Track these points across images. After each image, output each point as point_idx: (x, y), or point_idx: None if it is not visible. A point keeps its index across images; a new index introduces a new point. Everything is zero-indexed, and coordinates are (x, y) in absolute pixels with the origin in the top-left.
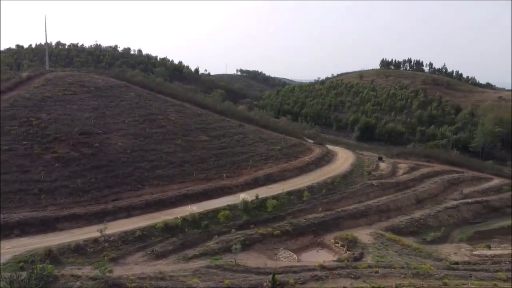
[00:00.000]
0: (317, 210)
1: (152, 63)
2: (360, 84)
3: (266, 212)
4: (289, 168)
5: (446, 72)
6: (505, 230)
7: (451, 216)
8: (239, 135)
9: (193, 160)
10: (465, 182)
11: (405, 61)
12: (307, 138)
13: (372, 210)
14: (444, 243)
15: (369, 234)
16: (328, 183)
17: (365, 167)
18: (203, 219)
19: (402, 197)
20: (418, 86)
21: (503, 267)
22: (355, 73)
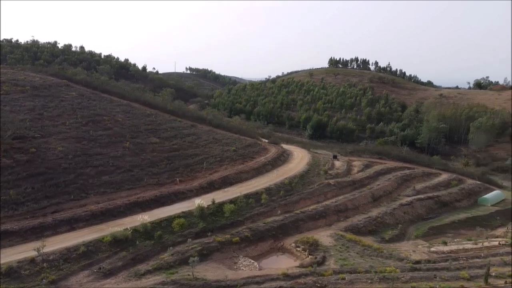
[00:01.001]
0: (276, 213)
1: (96, 61)
2: (310, 82)
3: (223, 217)
4: (245, 170)
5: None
6: (456, 225)
7: (406, 213)
8: (192, 136)
9: (143, 164)
10: (417, 178)
11: (352, 59)
12: (261, 137)
13: (330, 210)
14: (402, 240)
15: (330, 235)
16: (286, 184)
17: (321, 166)
18: (156, 229)
19: (359, 195)
20: (365, 84)
21: (463, 264)
22: (305, 72)
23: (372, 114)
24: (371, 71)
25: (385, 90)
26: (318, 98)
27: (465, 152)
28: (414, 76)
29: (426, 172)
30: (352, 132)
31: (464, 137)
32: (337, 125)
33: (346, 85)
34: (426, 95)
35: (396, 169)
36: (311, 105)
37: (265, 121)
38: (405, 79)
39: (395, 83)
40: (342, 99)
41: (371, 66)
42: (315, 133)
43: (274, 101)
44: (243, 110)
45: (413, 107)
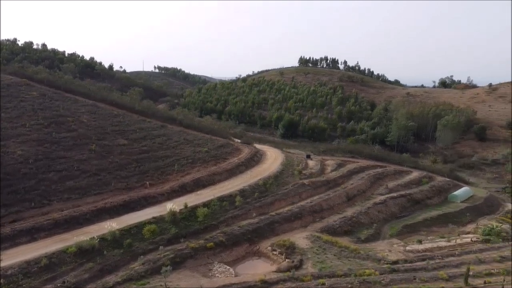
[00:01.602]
0: (251, 215)
1: (60, 59)
2: (281, 81)
3: (196, 222)
4: (218, 171)
5: (359, 70)
6: (429, 222)
7: (381, 212)
8: (162, 137)
9: (111, 167)
10: (389, 176)
11: (322, 59)
12: (234, 137)
13: (306, 211)
14: (377, 240)
15: (306, 237)
16: (260, 185)
17: (295, 166)
18: (125, 237)
19: (333, 195)
20: (335, 83)
21: (440, 263)
22: (276, 70)
23: (342, 112)
24: (341, 70)
25: (354, 89)
26: (289, 97)
27: (433, 149)
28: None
29: (398, 170)
30: (323, 131)
31: (431, 135)
32: (309, 124)
33: (317, 84)
34: (394, 94)
35: (368, 167)
36: (282, 104)
37: (236, 120)
38: (373, 78)
39: (364, 82)
40: (313, 98)
41: (340, 65)
42: (287, 132)
43: (245, 100)
44: (214, 109)
45: (382, 105)
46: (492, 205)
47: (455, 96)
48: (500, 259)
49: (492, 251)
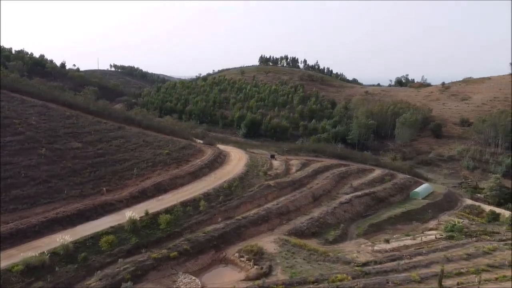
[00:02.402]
0: (216, 220)
1: (6, 56)
2: (242, 80)
3: (159, 230)
4: (180, 175)
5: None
6: (393, 220)
7: (347, 211)
8: (120, 139)
9: (63, 173)
10: (353, 175)
11: (282, 57)
12: (196, 138)
13: (272, 214)
14: (345, 240)
15: (274, 241)
16: (225, 188)
17: (260, 166)
18: (80, 250)
19: (299, 196)
20: (296, 82)
21: (409, 264)
22: (237, 69)
23: (304, 111)
24: (301, 69)
25: (315, 87)
26: (250, 96)
27: (392, 146)
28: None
29: (361, 169)
30: (286, 130)
31: (390, 132)
32: (271, 123)
33: (278, 83)
34: (353, 93)
35: (332, 166)
36: (244, 103)
37: (198, 120)
38: (332, 77)
39: (324, 80)
40: (275, 97)
41: (300, 64)
42: (250, 131)
43: (206, 99)
44: (174, 109)
45: (342, 104)
46: (451, 201)
47: (411, 94)
48: (466, 257)
49: (457, 248)
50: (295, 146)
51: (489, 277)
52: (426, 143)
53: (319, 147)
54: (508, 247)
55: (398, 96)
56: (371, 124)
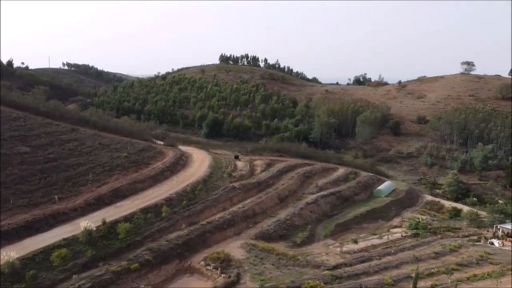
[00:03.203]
0: (179, 226)
1: None
2: (203, 79)
3: (117, 240)
4: (140, 179)
5: (279, 68)
6: (359, 219)
7: (313, 212)
8: (73, 142)
9: (9, 181)
10: (317, 174)
11: (242, 56)
12: (156, 139)
13: (238, 217)
14: (313, 242)
15: (241, 246)
16: (188, 192)
17: (224, 168)
18: (28, 267)
19: (265, 197)
20: (257, 81)
21: (380, 265)
22: (197, 68)
23: (266, 110)
24: (261, 68)
25: (276, 86)
26: (212, 95)
27: (353, 144)
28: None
29: (325, 168)
30: (248, 129)
31: (351, 131)
32: (233, 123)
33: (239, 82)
34: (314, 91)
35: (297, 166)
36: (205, 102)
37: (157, 120)
38: (293, 75)
39: (284, 79)
40: (236, 96)
41: (261, 63)
42: (212, 131)
43: (166, 99)
44: (132, 109)
45: (304, 103)
46: (413, 198)
47: (370, 93)
48: (435, 255)
49: (423, 246)
50: (259, 145)
51: (460, 276)
52: (385, 141)
53: (283, 147)
54: (472, 243)
55: (357, 94)
56: (332, 123)
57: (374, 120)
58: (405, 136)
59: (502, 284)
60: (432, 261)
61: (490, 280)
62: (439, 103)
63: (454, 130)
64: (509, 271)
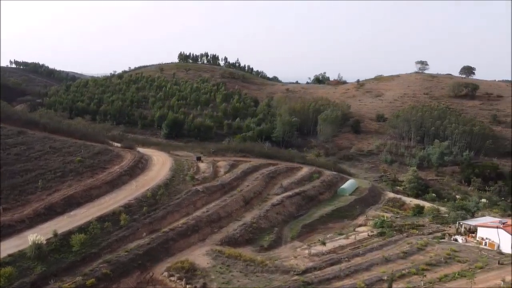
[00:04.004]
0: (140, 235)
1: None
2: (161, 77)
3: (71, 253)
4: (96, 184)
5: (239, 66)
6: (324, 219)
7: (279, 213)
8: (20, 147)
9: None
10: (282, 174)
11: (202, 54)
12: (112, 141)
13: (203, 222)
14: (280, 245)
15: (206, 253)
16: (149, 197)
17: (186, 170)
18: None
19: (230, 200)
20: (218, 80)
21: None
22: (155, 66)
23: (228, 110)
24: (221, 66)
25: (237, 85)
26: (171, 94)
27: (315, 143)
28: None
29: (289, 167)
30: (210, 129)
31: (313, 129)
32: (194, 123)
33: (199, 81)
34: (275, 90)
35: (261, 166)
36: (164, 102)
37: (114, 121)
38: (253, 74)
39: (245, 78)
40: (197, 95)
41: (221, 61)
42: (172, 132)
43: (123, 98)
44: (87, 109)
45: (265, 102)
46: (375, 195)
47: (329, 91)
48: (403, 255)
49: (391, 245)
50: (221, 146)
51: (431, 277)
52: (346, 139)
53: (247, 147)
54: (437, 241)
55: (318, 93)
56: (294, 122)
57: (335, 118)
58: (365, 134)
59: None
60: (401, 261)
61: (461, 280)
62: (396, 101)
63: (412, 128)
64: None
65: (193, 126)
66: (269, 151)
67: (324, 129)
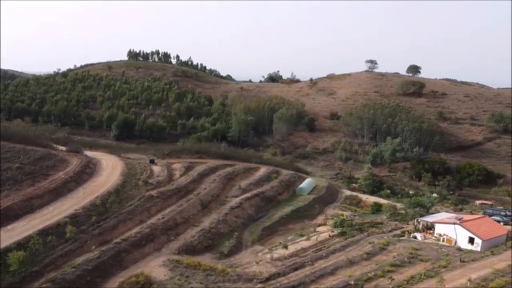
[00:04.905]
0: (89, 248)
1: None
2: (110, 76)
3: (8, 273)
4: (38, 194)
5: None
6: (284, 220)
7: (238, 217)
8: None
9: None
10: (239, 175)
11: (153, 52)
12: (57, 144)
13: (158, 230)
14: (241, 250)
15: (163, 264)
16: (98, 206)
17: (139, 174)
18: None
19: (187, 205)
20: (170, 78)
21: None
22: (103, 64)
23: (181, 109)
24: (173, 64)
25: (190, 84)
26: (121, 93)
27: (271, 142)
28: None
29: (247, 168)
30: (163, 130)
31: (268, 128)
32: (146, 123)
33: (150, 79)
34: (229, 89)
35: (218, 167)
36: (114, 101)
37: (58, 122)
38: (206, 73)
39: (198, 77)
40: (148, 94)
41: (172, 59)
42: (122, 133)
43: (68, 98)
44: (27, 110)
45: (220, 100)
46: (333, 193)
47: (284, 90)
48: (367, 256)
49: (353, 246)
50: (176, 147)
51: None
52: (302, 137)
53: (202, 147)
54: (397, 239)
55: (272, 92)
56: (250, 121)
57: (290, 117)
58: (320, 132)
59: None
60: (365, 262)
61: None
62: (349, 99)
63: (365, 125)
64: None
65: (145, 126)
66: (226, 152)
67: (279, 127)
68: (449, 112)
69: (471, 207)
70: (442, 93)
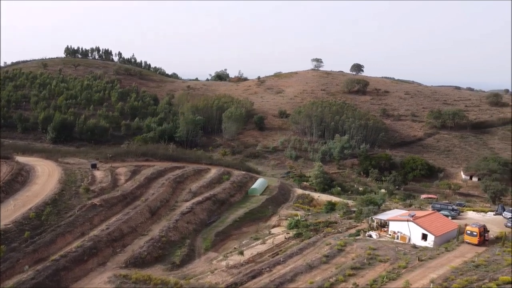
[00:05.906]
0: (21, 268)
1: None
2: (45, 74)
3: None
4: None
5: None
6: (238, 223)
7: (190, 223)
8: None
9: None
10: (190, 177)
11: (93, 49)
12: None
13: (102, 242)
14: (194, 259)
15: (108, 281)
16: (32, 218)
17: (79, 181)
18: None
19: (134, 212)
20: (112, 77)
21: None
22: (37, 61)
23: (125, 109)
24: (115, 62)
25: (134, 82)
26: (58, 93)
27: (221, 141)
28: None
29: (197, 170)
30: (105, 131)
31: (217, 127)
32: (87, 124)
33: (90, 78)
34: (175, 87)
35: (167, 170)
36: (50, 101)
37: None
38: (151, 71)
39: (142, 75)
40: (89, 94)
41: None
42: (60, 135)
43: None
44: None
45: (166, 99)
46: (285, 193)
47: (231, 88)
48: (325, 259)
49: (310, 248)
50: (120, 150)
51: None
52: (251, 136)
53: (149, 149)
54: (353, 239)
55: (220, 90)
56: (198, 120)
57: (239, 116)
58: (269, 130)
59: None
60: (325, 266)
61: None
62: (297, 98)
63: (313, 123)
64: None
65: (85, 128)
66: (174, 153)
67: (229, 127)
68: (392, 109)
69: (419, 202)
70: (385, 91)
